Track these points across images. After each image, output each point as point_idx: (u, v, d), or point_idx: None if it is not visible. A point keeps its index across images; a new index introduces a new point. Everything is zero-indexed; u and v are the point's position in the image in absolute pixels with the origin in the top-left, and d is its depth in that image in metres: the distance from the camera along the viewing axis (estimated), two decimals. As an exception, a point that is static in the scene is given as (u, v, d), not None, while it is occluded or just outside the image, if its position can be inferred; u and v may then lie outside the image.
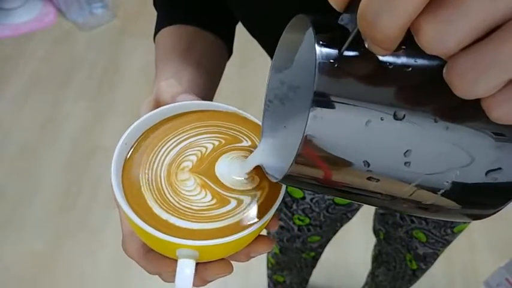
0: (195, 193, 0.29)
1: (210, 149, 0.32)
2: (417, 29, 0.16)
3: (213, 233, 0.27)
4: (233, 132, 0.33)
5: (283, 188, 0.30)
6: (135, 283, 1.18)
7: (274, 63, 0.28)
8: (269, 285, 1.02)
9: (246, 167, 0.30)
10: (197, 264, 0.28)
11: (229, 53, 0.49)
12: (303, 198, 0.65)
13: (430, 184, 0.22)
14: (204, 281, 0.29)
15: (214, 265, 0.29)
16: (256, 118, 0.34)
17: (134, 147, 0.31)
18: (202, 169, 0.30)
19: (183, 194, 0.29)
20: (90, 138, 1.52)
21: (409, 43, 0.17)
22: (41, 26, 1.90)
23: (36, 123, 1.56)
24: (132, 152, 0.30)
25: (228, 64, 0.49)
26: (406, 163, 0.21)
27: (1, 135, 1.52)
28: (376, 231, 0.84)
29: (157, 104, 0.34)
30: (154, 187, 0.29)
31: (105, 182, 1.39)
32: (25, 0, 1.91)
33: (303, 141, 0.20)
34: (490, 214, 0.25)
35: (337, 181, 0.23)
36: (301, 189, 0.26)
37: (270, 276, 0.97)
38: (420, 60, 0.20)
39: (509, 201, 0.23)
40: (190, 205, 0.28)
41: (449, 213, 0.25)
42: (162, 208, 0.28)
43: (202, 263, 0.29)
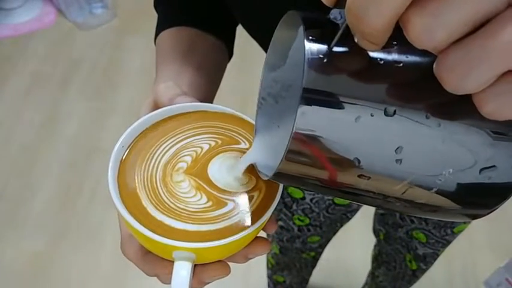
0: (191, 195, 0.29)
1: (205, 150, 0.31)
2: (405, 22, 0.16)
3: (210, 234, 0.27)
4: (231, 133, 0.33)
5: (280, 189, 0.29)
6: (134, 283, 1.18)
7: (267, 61, 0.28)
8: (269, 285, 1.02)
9: (239, 166, 0.30)
10: (195, 265, 0.28)
11: (230, 54, 0.49)
12: (303, 198, 0.65)
13: (423, 182, 0.22)
14: (201, 283, 0.29)
15: (211, 267, 0.29)
16: (254, 119, 0.34)
17: (131, 148, 0.31)
18: (195, 170, 0.30)
19: (179, 195, 0.29)
20: (90, 138, 1.52)
21: (401, 39, 0.16)
22: (41, 26, 1.90)
23: (36, 123, 1.55)
24: (128, 152, 0.30)
25: (228, 64, 0.49)
26: (397, 160, 0.21)
27: (1, 135, 1.52)
28: (376, 232, 0.84)
29: (155, 106, 0.34)
30: (150, 188, 0.29)
31: (104, 181, 1.37)
32: (25, 0, 1.90)
33: (291, 138, 0.20)
34: (485, 214, 0.24)
35: (328, 179, 0.22)
36: (294, 187, 0.25)
37: (270, 276, 0.97)
38: (411, 56, 0.20)
39: (504, 201, 0.23)
40: (186, 207, 0.28)
41: (444, 213, 0.24)
42: (158, 209, 0.28)
43: (199, 265, 0.29)
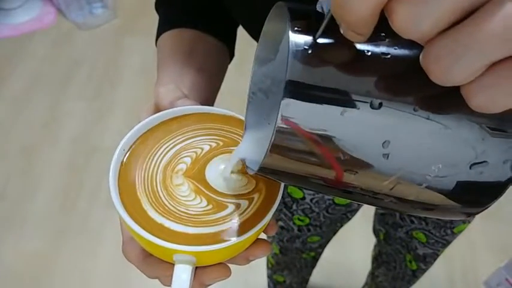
0: (191, 198, 0.29)
1: (205, 151, 0.31)
2: (390, 11, 0.15)
3: (210, 237, 0.27)
4: (231, 135, 0.33)
5: (281, 191, 0.29)
6: (134, 283, 1.18)
7: (257, 55, 0.27)
8: (269, 285, 1.02)
9: (229, 163, 0.29)
10: (196, 268, 0.28)
11: (231, 55, 0.49)
12: (303, 198, 0.65)
13: (411, 178, 0.21)
14: (202, 285, 0.29)
15: (212, 269, 0.29)
16: None
17: (131, 150, 0.30)
18: (194, 173, 0.30)
19: (179, 198, 0.28)
20: (90, 138, 1.52)
21: (389, 30, 0.16)
22: (41, 26, 1.89)
23: (36, 123, 1.55)
24: (128, 155, 0.30)
25: (229, 66, 0.49)
26: (384, 155, 0.20)
27: (1, 135, 1.52)
28: (376, 232, 0.84)
29: (156, 109, 0.34)
30: (150, 190, 0.29)
31: (105, 182, 1.39)
32: (25, 0, 1.90)
33: (275, 132, 0.19)
34: (478, 212, 0.23)
35: (314, 173, 0.21)
36: (282, 182, 0.24)
37: (270, 276, 0.97)
38: (399, 48, 0.19)
39: (497, 198, 0.22)
40: (187, 210, 0.28)
41: (435, 211, 0.23)
42: (158, 212, 0.27)
43: (200, 267, 0.29)
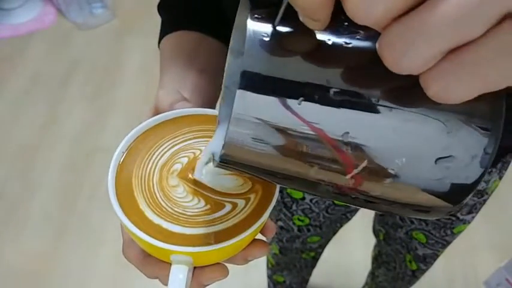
0: (188, 199, 0.29)
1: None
2: None
3: (207, 237, 0.27)
4: None
5: (277, 192, 0.29)
6: (134, 283, 1.18)
7: (231, 48, 0.27)
8: (269, 285, 1.02)
9: (202, 158, 0.29)
10: (194, 268, 0.28)
11: None
12: (303, 198, 0.65)
13: (374, 172, 0.20)
14: (200, 285, 0.29)
15: (209, 269, 0.29)
16: None
17: (129, 151, 0.30)
18: (187, 174, 0.30)
19: (176, 199, 0.28)
20: (90, 138, 1.52)
21: (351, 20, 0.16)
22: (41, 26, 1.90)
23: (36, 123, 1.55)
24: (127, 156, 0.30)
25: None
26: (344, 145, 0.19)
27: (1, 135, 1.52)
28: (375, 232, 0.84)
29: (156, 112, 0.34)
30: (147, 191, 0.28)
31: (105, 182, 1.37)
32: (25, 0, 1.90)
33: (231, 122, 0.19)
34: (449, 211, 0.21)
35: (275, 165, 0.21)
36: (245, 173, 0.24)
37: (270, 276, 0.97)
38: (362, 37, 0.18)
39: (467, 196, 0.20)
40: (184, 211, 0.28)
41: (402, 208, 0.22)
42: (155, 213, 0.27)
43: (198, 267, 0.29)
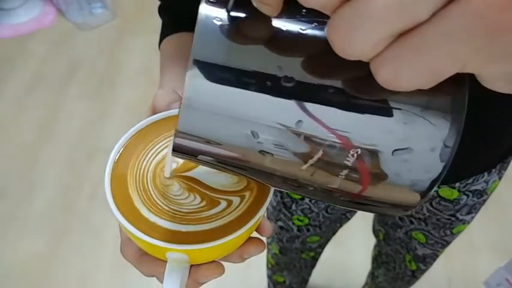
0: (184, 197, 0.29)
1: None
2: None
3: (202, 235, 0.27)
4: None
5: (271, 190, 0.29)
6: (134, 283, 1.18)
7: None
8: (269, 285, 1.02)
9: (169, 151, 0.29)
10: (191, 266, 0.28)
11: None
12: (302, 198, 0.65)
13: (329, 163, 0.19)
14: (197, 283, 0.29)
15: (205, 267, 0.29)
16: None
17: (125, 150, 0.30)
18: (184, 171, 0.30)
19: (171, 197, 0.28)
20: (90, 138, 1.52)
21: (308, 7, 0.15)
22: (41, 26, 1.90)
23: (36, 123, 1.56)
24: (123, 155, 0.30)
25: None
26: (298, 135, 0.18)
27: (1, 135, 1.52)
28: (375, 232, 0.84)
29: (154, 111, 0.34)
30: (142, 190, 0.29)
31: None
32: (25, 0, 1.90)
33: (181, 112, 0.18)
34: (410, 207, 0.20)
35: (229, 155, 0.20)
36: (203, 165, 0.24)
37: (269, 277, 0.98)
38: (318, 24, 0.18)
39: (429, 191, 0.19)
40: (180, 208, 0.28)
41: (363, 205, 0.21)
42: (151, 211, 0.28)
43: (194, 265, 0.29)
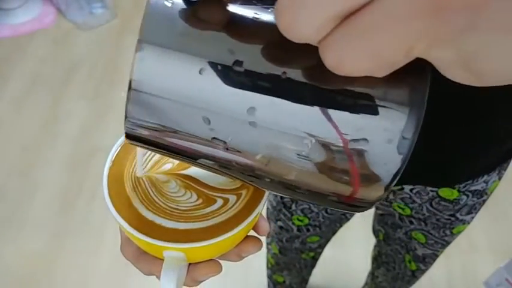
0: (181, 194, 0.29)
1: None
2: None
3: (200, 233, 0.27)
4: None
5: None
6: (135, 283, 1.18)
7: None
8: (269, 285, 1.02)
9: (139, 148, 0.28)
10: (189, 264, 0.28)
11: None
12: (302, 198, 0.65)
13: (283, 153, 0.18)
14: (195, 281, 0.29)
15: (202, 265, 0.29)
16: None
17: (122, 149, 0.30)
18: (180, 169, 0.30)
19: (169, 195, 0.29)
20: (90, 138, 1.52)
21: None
22: (41, 26, 1.90)
23: (36, 123, 1.56)
24: (120, 154, 0.30)
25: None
26: (250, 123, 0.18)
27: (1, 135, 1.52)
28: (375, 232, 0.84)
29: None
30: (139, 188, 0.29)
31: (105, 182, 1.39)
32: (25, 0, 1.90)
33: (128, 96, 0.18)
34: (370, 204, 0.20)
35: (180, 143, 0.19)
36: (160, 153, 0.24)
37: (269, 276, 0.98)
38: (272, 9, 0.17)
39: (390, 185, 0.18)
40: (178, 205, 0.28)
41: (320, 198, 0.20)
42: (148, 209, 0.28)
43: (192, 264, 0.29)
